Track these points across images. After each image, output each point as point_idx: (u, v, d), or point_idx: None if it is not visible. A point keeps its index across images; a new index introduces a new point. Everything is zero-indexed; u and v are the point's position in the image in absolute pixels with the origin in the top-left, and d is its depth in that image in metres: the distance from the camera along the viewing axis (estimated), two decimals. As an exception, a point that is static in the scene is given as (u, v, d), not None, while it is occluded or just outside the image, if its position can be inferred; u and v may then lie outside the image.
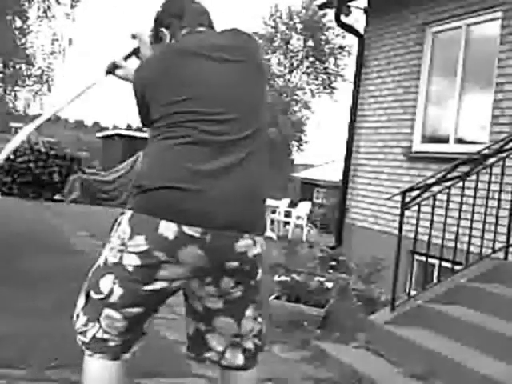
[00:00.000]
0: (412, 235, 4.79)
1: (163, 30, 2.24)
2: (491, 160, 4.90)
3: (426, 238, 4.80)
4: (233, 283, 2.04)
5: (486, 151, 4.96)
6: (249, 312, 2.12)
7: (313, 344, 4.43)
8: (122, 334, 2.03)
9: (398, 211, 4.78)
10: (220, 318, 2.11)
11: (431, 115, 6.79)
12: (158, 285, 1.96)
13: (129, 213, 1.98)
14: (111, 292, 1.98)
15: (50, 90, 9.36)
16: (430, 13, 6.70)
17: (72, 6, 8.91)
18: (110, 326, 2.02)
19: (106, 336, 2.02)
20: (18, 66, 9.32)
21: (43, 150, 18.25)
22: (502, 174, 4.88)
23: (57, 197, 18.42)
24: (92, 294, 2.04)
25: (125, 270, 1.96)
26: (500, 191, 4.92)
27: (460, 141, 6.31)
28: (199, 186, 1.90)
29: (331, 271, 6.22)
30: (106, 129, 46.13)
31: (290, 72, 46.07)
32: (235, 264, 1.98)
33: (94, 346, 2.05)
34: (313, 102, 44.90)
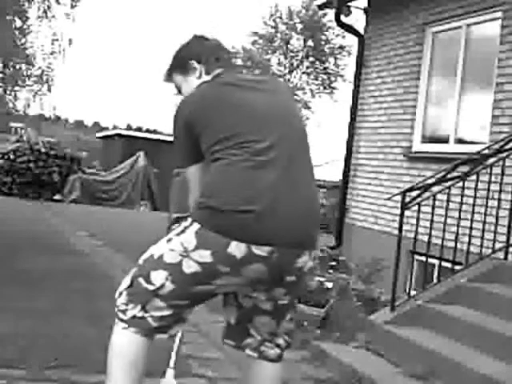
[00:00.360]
0: (412, 235, 4.79)
1: (194, 62, 2.32)
2: (491, 160, 4.89)
3: (425, 238, 4.80)
4: (284, 293, 2.17)
5: (486, 151, 4.96)
6: (288, 315, 2.29)
7: (313, 344, 4.42)
8: (163, 318, 2.14)
9: (398, 211, 4.78)
10: (263, 317, 2.23)
11: (431, 115, 6.79)
12: (211, 287, 2.08)
13: (195, 225, 2.05)
14: (162, 286, 2.08)
15: (50, 89, 9.36)
16: (430, 13, 6.70)
17: (72, 6, 8.93)
18: (154, 313, 2.12)
19: (146, 316, 2.13)
20: (18, 66, 9.32)
21: (43, 150, 18.25)
22: (502, 173, 4.88)
23: (57, 197, 18.41)
24: (141, 280, 2.13)
25: (182, 273, 2.06)
26: (500, 191, 4.92)
27: (460, 141, 6.31)
28: (268, 207, 1.99)
29: (331, 271, 6.22)
30: (106, 129, 46.10)
31: (290, 72, 46.05)
32: (293, 278, 2.11)
33: (131, 322, 2.14)
34: (313, 102, 44.83)
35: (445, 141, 6.46)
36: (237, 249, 1.98)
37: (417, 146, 6.78)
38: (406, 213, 4.74)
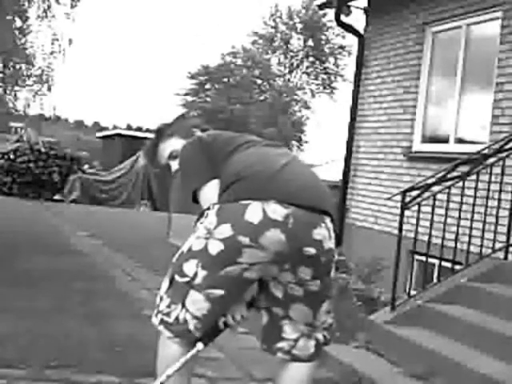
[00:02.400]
0: (412, 235, 4.79)
1: (195, 130, 2.62)
2: (491, 160, 4.89)
3: (426, 237, 4.80)
4: (310, 275, 2.18)
5: (486, 151, 4.96)
6: (324, 306, 2.30)
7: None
8: (204, 317, 2.17)
9: (398, 211, 4.78)
10: (298, 305, 2.25)
11: (431, 115, 6.79)
12: (238, 267, 2.12)
13: (216, 206, 2.19)
14: (195, 274, 2.15)
15: (50, 89, 9.36)
16: (430, 13, 6.70)
17: (72, 6, 8.92)
18: (195, 308, 2.16)
19: (188, 317, 2.16)
20: (17, 66, 9.32)
21: (43, 149, 18.25)
22: (502, 173, 4.88)
23: (57, 197, 18.42)
24: (177, 277, 2.20)
25: (208, 255, 2.13)
26: (500, 191, 4.92)
27: (460, 141, 6.31)
28: (280, 170, 2.20)
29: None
30: (106, 129, 46.08)
31: (290, 72, 46.04)
32: (313, 251, 2.13)
33: (175, 328, 2.18)
34: (313, 102, 44.82)
35: (445, 141, 6.46)
36: (253, 214, 2.08)
37: (417, 145, 6.78)
38: (406, 213, 4.74)
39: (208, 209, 2.23)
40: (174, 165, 2.56)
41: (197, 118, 2.87)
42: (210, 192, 2.30)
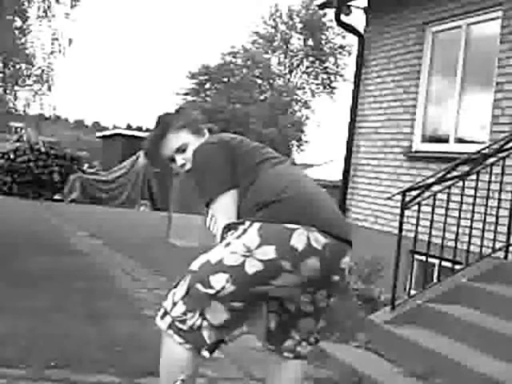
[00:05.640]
0: (412, 235, 4.79)
1: (203, 127, 2.59)
2: (491, 160, 4.89)
3: (426, 237, 4.80)
4: (325, 295, 2.29)
5: (486, 151, 4.96)
6: (324, 315, 2.41)
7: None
8: (221, 326, 2.17)
9: (398, 211, 4.78)
10: (306, 319, 2.35)
11: (431, 115, 6.79)
12: (268, 288, 2.14)
13: (256, 224, 2.14)
14: (223, 288, 2.12)
15: (50, 89, 9.35)
16: (430, 13, 6.70)
17: (72, 6, 8.92)
18: (213, 317, 2.15)
19: (204, 325, 2.15)
20: (17, 66, 9.31)
21: (43, 149, 18.26)
22: (502, 173, 4.88)
23: (57, 197, 18.43)
24: (199, 287, 2.14)
25: (244, 273, 2.11)
26: (500, 191, 4.92)
27: (460, 140, 6.30)
28: (315, 196, 2.25)
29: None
30: (106, 129, 46.09)
31: (290, 72, 46.02)
32: (337, 278, 2.21)
33: (188, 336, 2.15)
34: (313, 102, 44.84)
35: (445, 140, 6.46)
36: (299, 240, 2.08)
37: (417, 145, 6.78)
38: (406, 212, 4.74)
39: (242, 223, 2.18)
40: (180, 160, 2.46)
41: (200, 113, 2.76)
42: (228, 202, 2.27)
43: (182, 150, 2.46)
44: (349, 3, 7.73)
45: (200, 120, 2.59)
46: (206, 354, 2.20)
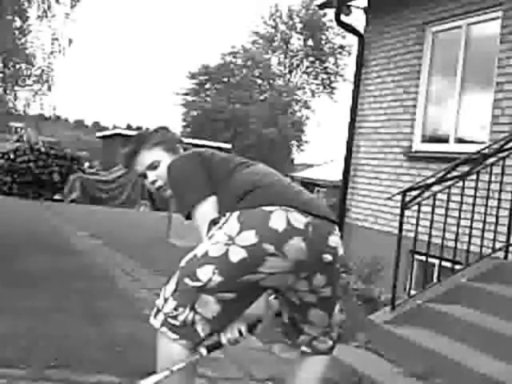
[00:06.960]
0: (412, 235, 4.79)
1: (178, 145, 2.61)
2: (491, 160, 4.89)
3: (426, 237, 4.80)
4: (323, 282, 2.23)
5: (486, 151, 4.96)
6: (337, 307, 2.38)
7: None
8: (214, 319, 2.15)
9: (398, 211, 4.78)
10: (314, 311, 2.31)
11: (431, 115, 6.79)
12: (257, 276, 2.11)
13: (236, 212, 2.15)
14: (209, 280, 2.10)
15: (50, 89, 9.35)
16: (430, 13, 6.70)
17: (72, 6, 8.92)
18: (203, 310, 2.14)
19: (197, 318, 2.14)
20: (17, 66, 9.32)
21: (43, 149, 18.25)
22: (502, 173, 4.88)
23: (57, 197, 18.43)
24: (187, 281, 2.14)
25: (228, 263, 2.09)
26: (500, 191, 4.92)
27: (460, 140, 6.31)
28: (291, 184, 2.31)
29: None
30: (106, 129, 46.12)
31: (290, 72, 46.05)
32: (330, 258, 2.18)
33: (182, 331, 2.15)
34: (313, 102, 44.88)
35: (445, 140, 6.46)
36: (278, 221, 2.07)
37: (417, 145, 6.78)
38: (406, 212, 4.74)
39: (224, 215, 2.20)
40: (151, 176, 2.50)
41: (176, 134, 2.77)
42: (208, 209, 2.27)
43: (153, 166, 2.50)
44: (349, 3, 7.73)
45: (176, 139, 2.61)
46: (202, 350, 2.20)
